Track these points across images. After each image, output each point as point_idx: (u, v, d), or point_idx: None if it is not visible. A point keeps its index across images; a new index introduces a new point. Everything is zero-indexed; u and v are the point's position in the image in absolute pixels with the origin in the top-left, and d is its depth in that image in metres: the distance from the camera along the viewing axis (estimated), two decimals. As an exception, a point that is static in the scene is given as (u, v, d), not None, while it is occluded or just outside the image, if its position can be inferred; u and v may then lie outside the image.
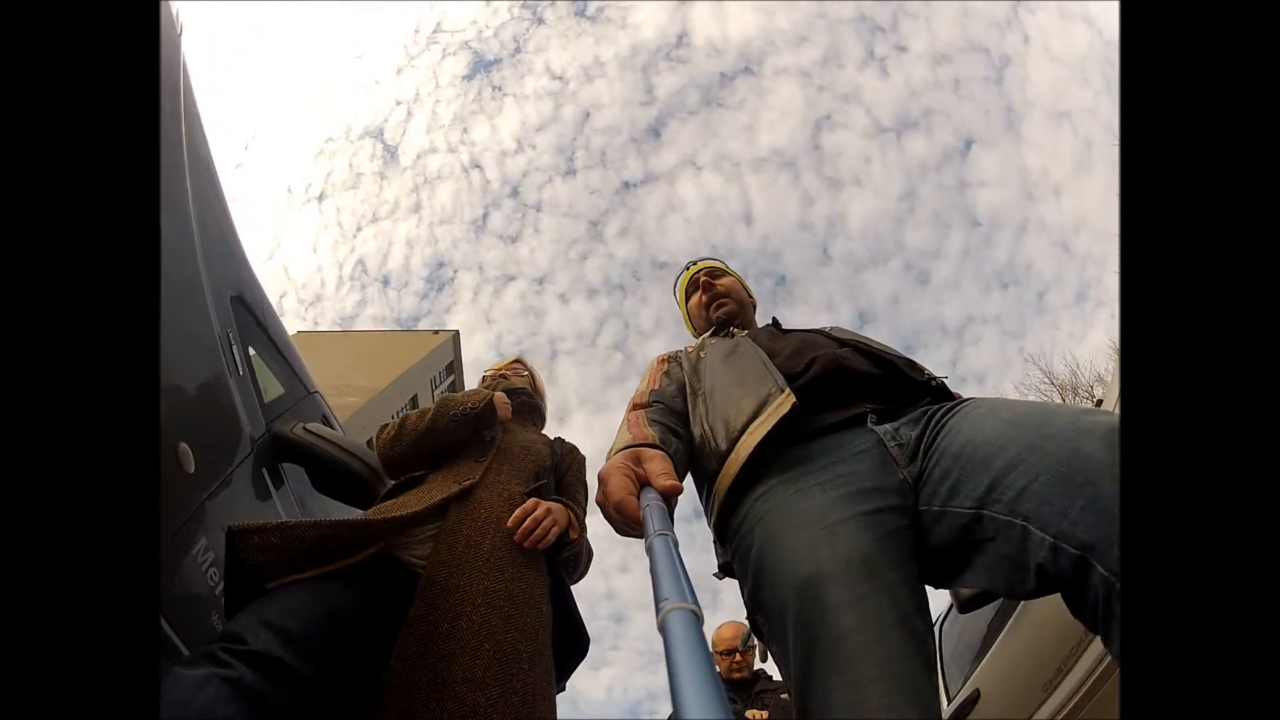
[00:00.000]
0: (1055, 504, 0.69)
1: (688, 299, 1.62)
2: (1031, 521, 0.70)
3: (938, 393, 1.06)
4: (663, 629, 0.44)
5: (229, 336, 1.56)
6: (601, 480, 0.84)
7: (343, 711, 1.15)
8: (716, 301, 1.52)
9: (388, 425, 1.62)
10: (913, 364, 1.10)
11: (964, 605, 1.94)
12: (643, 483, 0.82)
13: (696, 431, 1.11)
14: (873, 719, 0.68)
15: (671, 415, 1.12)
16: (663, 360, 1.34)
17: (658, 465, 0.84)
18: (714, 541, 1.09)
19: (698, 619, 0.44)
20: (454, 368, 21.72)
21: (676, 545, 0.58)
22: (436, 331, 22.34)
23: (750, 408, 1.00)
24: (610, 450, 0.95)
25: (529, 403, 1.88)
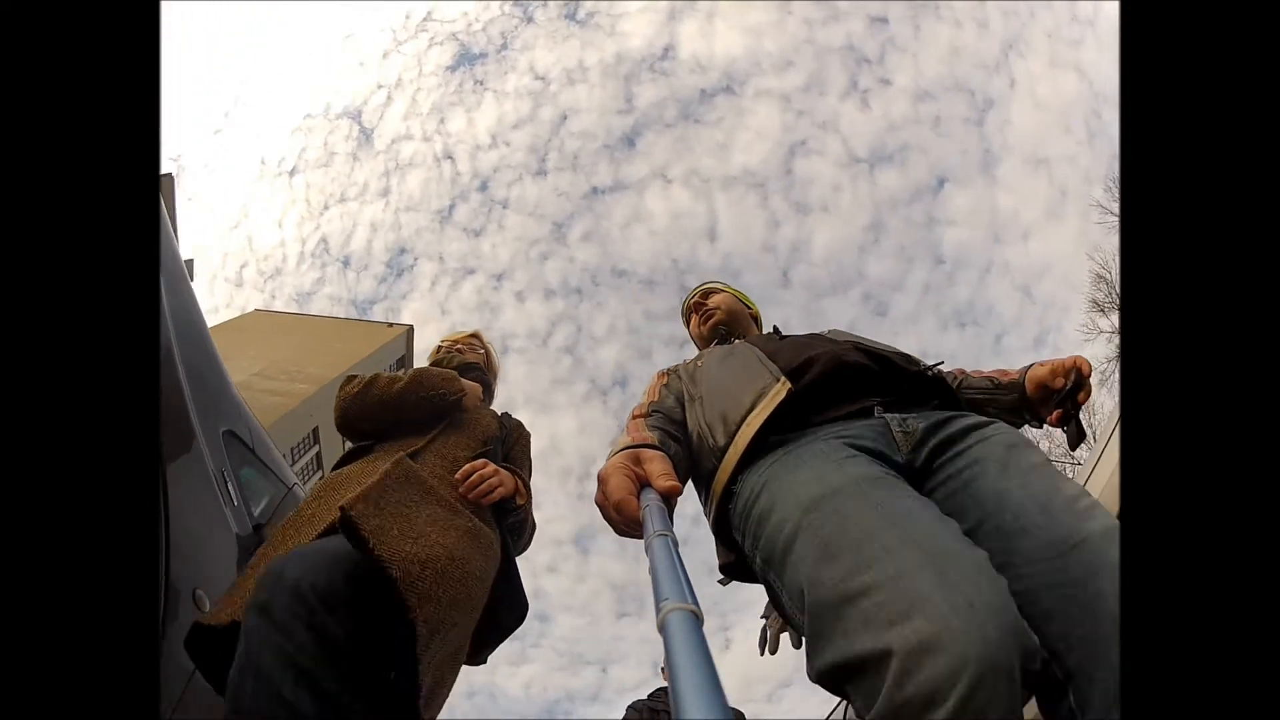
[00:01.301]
0: (1059, 622, 0.68)
1: (689, 326, 1.69)
2: (1031, 625, 0.67)
3: (937, 385, 1.08)
4: (663, 629, 0.43)
5: (224, 474, 1.62)
6: (601, 480, 0.83)
7: None
8: (704, 315, 1.59)
9: (355, 378, 1.60)
10: (908, 357, 1.13)
11: None
12: (642, 483, 0.82)
13: (694, 433, 1.12)
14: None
15: (671, 424, 1.13)
16: (662, 374, 1.36)
17: (658, 466, 0.84)
18: (715, 541, 1.10)
19: (698, 619, 0.44)
20: (405, 362, 21.42)
21: (676, 545, 0.58)
22: (391, 324, 22.05)
23: (748, 401, 1.02)
24: (610, 451, 0.94)
25: (480, 379, 1.88)
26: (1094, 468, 1.98)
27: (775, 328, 1.52)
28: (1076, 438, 1.06)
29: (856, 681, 0.65)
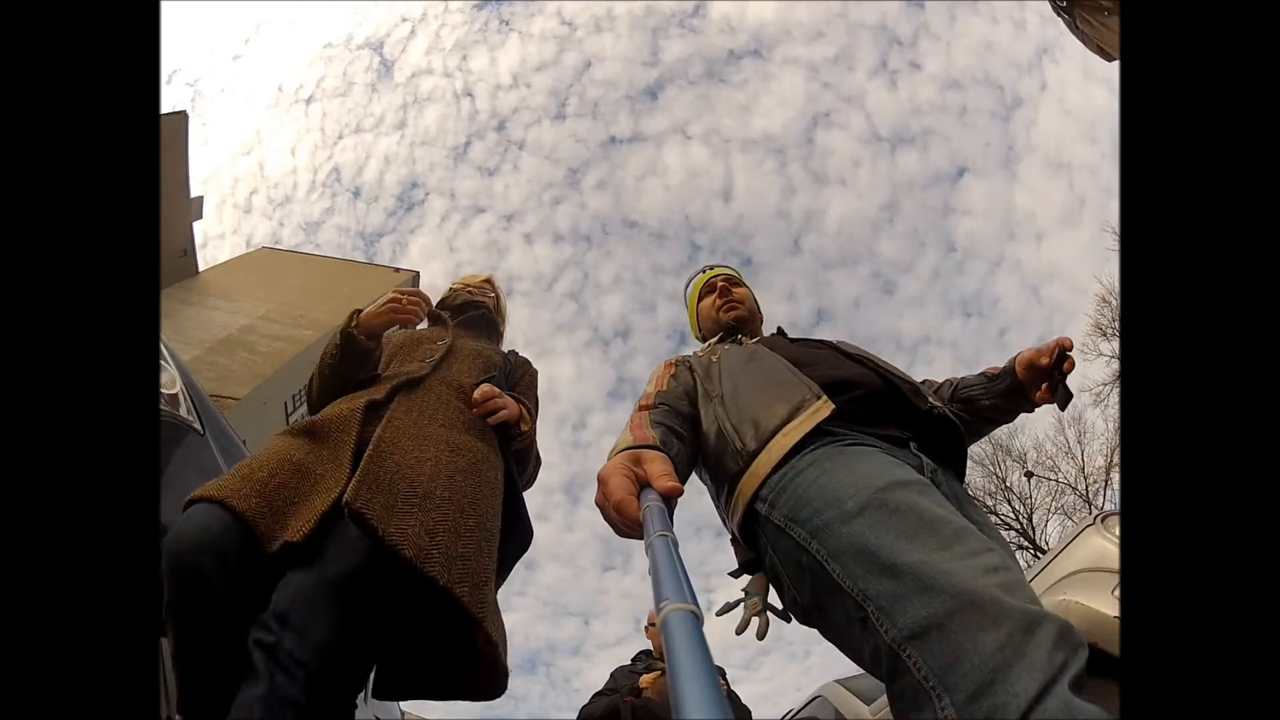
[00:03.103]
0: None
1: (700, 300, 1.66)
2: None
3: (942, 424, 1.12)
4: (663, 629, 0.44)
5: None
6: (601, 481, 0.84)
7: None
8: (729, 304, 1.57)
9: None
10: (917, 390, 1.15)
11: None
12: (643, 484, 0.82)
13: (712, 431, 1.13)
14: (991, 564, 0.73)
15: (677, 418, 1.14)
16: (670, 364, 1.36)
17: (658, 466, 0.85)
18: (731, 540, 1.12)
19: (698, 619, 0.45)
20: (411, 309, 21.35)
21: (676, 546, 0.58)
22: (397, 270, 21.96)
23: (784, 412, 1.04)
24: (612, 450, 0.95)
25: (487, 316, 1.87)
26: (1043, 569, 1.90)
27: (780, 329, 1.52)
28: (1065, 399, 1.17)
29: (935, 636, 0.71)
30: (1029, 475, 14.58)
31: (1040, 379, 1.19)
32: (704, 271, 1.73)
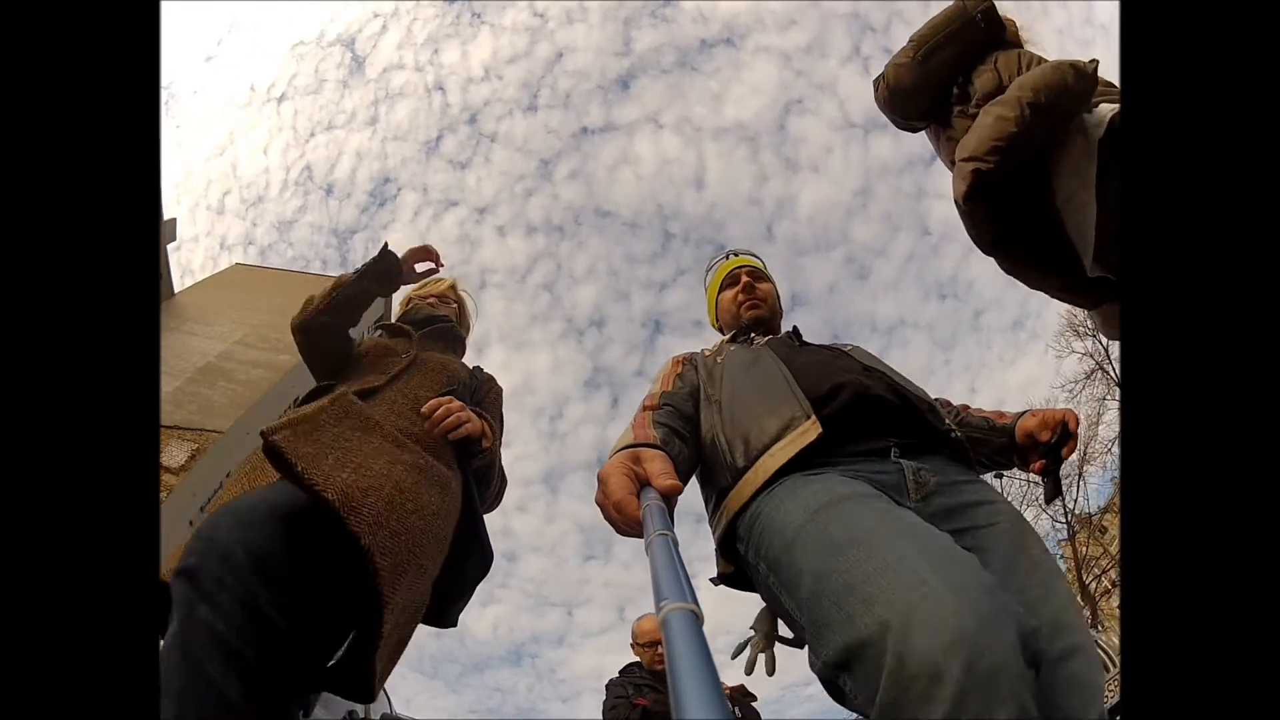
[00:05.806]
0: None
1: (720, 289, 1.58)
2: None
3: (954, 446, 1.09)
4: (663, 628, 0.44)
5: None
6: (601, 480, 0.83)
7: None
8: (751, 302, 1.50)
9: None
10: (934, 409, 1.13)
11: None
12: (642, 482, 0.81)
13: (708, 439, 1.12)
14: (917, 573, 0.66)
15: (680, 419, 1.13)
16: (678, 362, 1.34)
17: (657, 465, 0.84)
18: (716, 551, 1.11)
19: (698, 619, 0.44)
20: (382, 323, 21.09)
21: (676, 545, 0.58)
22: (374, 284, 21.81)
23: (773, 429, 1.03)
24: (612, 449, 0.94)
25: (452, 330, 1.85)
26: None
27: (795, 329, 1.43)
28: (1052, 493, 1.12)
29: (857, 666, 0.68)
30: (999, 475, 14.57)
31: (1036, 450, 1.15)
32: (727, 258, 1.63)
